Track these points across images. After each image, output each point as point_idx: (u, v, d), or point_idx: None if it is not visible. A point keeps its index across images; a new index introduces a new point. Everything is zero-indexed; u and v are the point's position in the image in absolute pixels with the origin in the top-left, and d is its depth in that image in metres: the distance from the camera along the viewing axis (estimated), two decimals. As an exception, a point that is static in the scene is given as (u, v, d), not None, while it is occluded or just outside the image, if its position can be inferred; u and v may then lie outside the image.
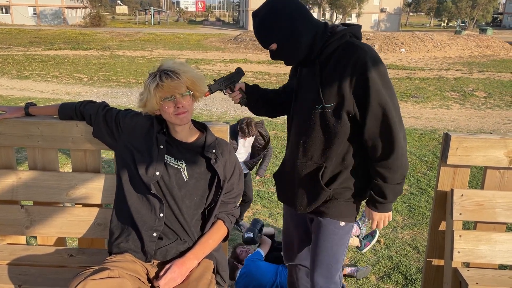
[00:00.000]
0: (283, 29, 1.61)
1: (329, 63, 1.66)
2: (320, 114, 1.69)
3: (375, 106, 1.60)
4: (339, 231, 1.84)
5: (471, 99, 11.54)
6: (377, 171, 1.70)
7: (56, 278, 1.86)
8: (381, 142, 1.65)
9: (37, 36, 28.99)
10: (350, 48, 1.63)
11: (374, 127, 1.63)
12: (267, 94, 1.98)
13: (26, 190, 2.06)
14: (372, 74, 1.58)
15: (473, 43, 25.06)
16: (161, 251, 1.73)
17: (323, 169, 1.75)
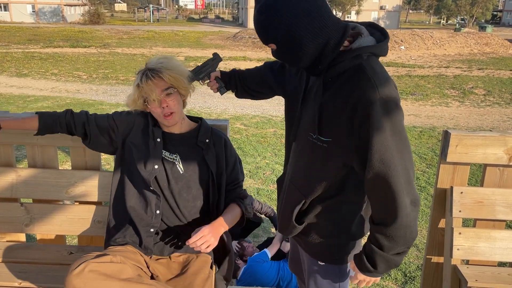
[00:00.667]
0: (282, 31, 1.24)
1: (333, 87, 1.31)
2: (313, 145, 1.37)
3: (376, 164, 1.23)
4: (320, 270, 1.58)
5: (471, 97, 11.55)
6: (373, 235, 1.35)
7: (56, 276, 1.86)
8: (381, 206, 1.31)
9: (36, 33, 28.93)
10: (359, 77, 1.25)
11: (374, 187, 1.28)
12: (246, 81, 1.82)
13: (25, 188, 2.06)
14: (378, 121, 1.20)
15: (472, 41, 25.05)
16: (158, 246, 1.73)
17: (301, 203, 1.46)
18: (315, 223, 1.51)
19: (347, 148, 1.29)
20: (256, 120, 8.47)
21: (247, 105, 9.89)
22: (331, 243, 1.53)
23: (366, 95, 1.21)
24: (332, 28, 1.26)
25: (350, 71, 1.28)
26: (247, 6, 49.93)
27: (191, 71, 1.80)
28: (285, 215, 1.55)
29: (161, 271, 1.70)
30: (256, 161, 5.88)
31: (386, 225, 1.31)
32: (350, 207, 1.48)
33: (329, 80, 1.32)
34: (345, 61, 1.27)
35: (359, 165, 1.30)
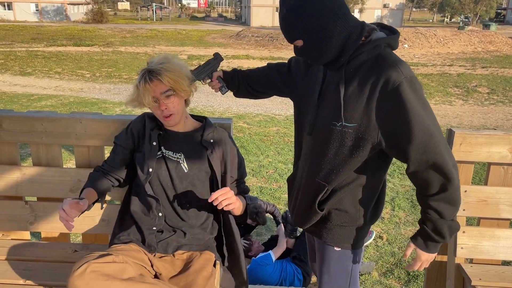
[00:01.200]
0: (311, 28, 1.36)
1: (356, 77, 1.42)
2: (337, 132, 1.46)
3: (419, 135, 1.34)
4: (335, 256, 1.66)
5: (474, 95, 11.51)
6: (431, 206, 1.45)
7: (60, 274, 1.86)
8: (435, 175, 1.40)
9: (39, 32, 29.01)
10: (382, 63, 1.39)
11: (423, 159, 1.38)
12: (249, 81, 1.86)
13: (30, 186, 2.07)
14: (409, 98, 1.33)
15: (476, 39, 24.94)
16: (162, 244, 1.74)
17: (324, 191, 1.55)
18: (336, 209, 1.59)
19: (376, 128, 1.40)
20: (259, 118, 8.47)
21: (250, 104, 9.89)
22: (350, 228, 1.61)
23: (393, 77, 1.34)
24: (352, 24, 1.41)
25: (370, 60, 1.41)
26: (250, 4, 49.88)
27: (192, 71, 1.79)
28: (303, 207, 1.64)
29: (165, 269, 1.70)
30: (259, 160, 5.88)
31: (446, 190, 1.41)
32: (368, 192, 1.57)
33: (350, 71, 1.44)
34: (365, 52, 1.41)
35: (390, 142, 1.40)
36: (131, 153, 1.81)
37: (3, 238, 2.21)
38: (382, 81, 1.36)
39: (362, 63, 1.42)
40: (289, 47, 23.39)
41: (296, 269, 3.06)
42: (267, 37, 26.32)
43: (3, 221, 2.10)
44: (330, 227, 1.63)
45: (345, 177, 1.52)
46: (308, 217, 1.63)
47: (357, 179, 1.53)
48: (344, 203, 1.57)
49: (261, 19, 48.95)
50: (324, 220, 1.63)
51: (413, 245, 1.54)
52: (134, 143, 1.81)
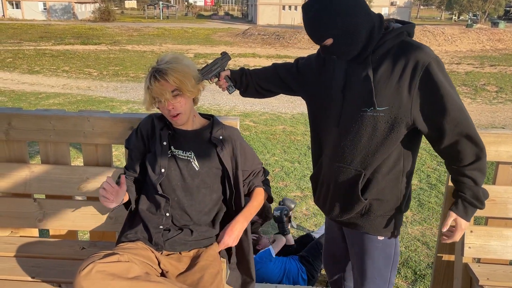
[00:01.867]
0: (341, 24, 1.43)
1: (383, 63, 1.50)
2: (369, 118, 1.53)
3: (452, 110, 1.45)
4: (379, 245, 1.70)
5: (483, 94, 11.41)
6: (467, 175, 1.54)
7: (68, 271, 1.88)
8: (468, 145, 1.50)
9: (47, 31, 29.19)
10: (408, 47, 1.48)
11: (456, 131, 1.47)
12: (258, 80, 1.88)
13: (38, 184, 2.09)
14: (439, 76, 1.44)
15: (484, 37, 24.72)
16: (169, 242, 1.74)
17: (362, 176, 1.59)
18: (377, 200, 1.63)
19: (409, 108, 1.48)
20: (265, 117, 8.47)
21: (256, 102, 9.88)
22: (392, 216, 1.67)
23: (422, 59, 1.44)
24: (373, 15, 1.51)
25: (395, 47, 1.50)
26: (256, 3, 49.81)
27: (200, 70, 1.79)
28: (341, 198, 1.68)
29: (172, 267, 1.71)
30: (265, 158, 5.88)
31: (480, 159, 1.52)
32: (406, 178, 1.64)
33: (376, 59, 1.51)
34: (388, 41, 1.50)
35: (426, 117, 1.49)
36: (145, 154, 1.82)
37: (12, 235, 2.23)
38: (411, 63, 1.44)
39: (387, 50, 1.50)
40: (296, 46, 23.35)
41: (301, 268, 3.06)
42: (274, 35, 26.28)
43: (12, 218, 2.12)
44: (373, 218, 1.66)
45: (381, 163, 1.58)
46: (349, 207, 1.66)
47: (395, 166, 1.59)
48: (385, 193, 1.62)
49: (267, 18, 48.88)
50: (366, 212, 1.66)
51: (454, 214, 1.59)
52: (145, 144, 1.82)
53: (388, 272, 1.75)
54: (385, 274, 1.75)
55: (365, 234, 1.70)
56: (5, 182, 2.10)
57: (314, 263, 3.15)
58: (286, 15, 49.28)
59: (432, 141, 1.55)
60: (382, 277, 1.75)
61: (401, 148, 1.57)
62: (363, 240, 1.72)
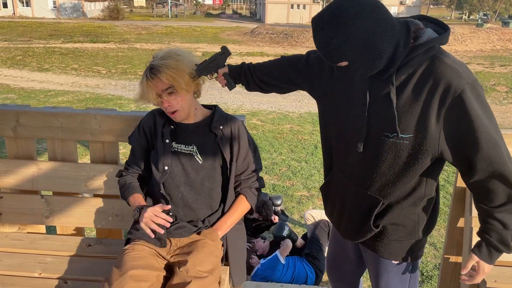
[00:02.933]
0: (357, 48, 1.20)
1: (409, 84, 1.31)
2: (391, 144, 1.36)
3: (485, 145, 1.27)
4: (393, 269, 1.60)
5: (492, 94, 11.30)
6: (496, 217, 1.38)
7: (75, 267, 1.89)
8: (501, 186, 1.33)
9: (56, 29, 29.41)
10: (439, 67, 1.27)
11: (488, 170, 1.30)
12: (259, 75, 1.75)
13: (46, 181, 2.10)
14: (473, 106, 1.24)
15: (495, 37, 24.47)
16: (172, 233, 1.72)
17: (379, 205, 1.47)
18: (392, 224, 1.51)
19: (437, 138, 1.31)
20: (272, 116, 8.46)
21: (263, 100, 9.88)
22: (409, 241, 1.54)
23: (454, 83, 1.24)
24: (398, 28, 1.26)
25: (424, 64, 1.29)
26: (265, 1, 49.74)
27: (197, 65, 1.72)
28: (355, 221, 1.56)
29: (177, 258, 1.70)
30: (272, 157, 5.88)
31: (510, 202, 1.35)
32: (425, 203, 1.50)
33: (401, 78, 1.32)
34: (417, 57, 1.28)
35: (455, 150, 1.32)
36: (148, 151, 1.82)
37: (19, 231, 2.25)
38: (442, 87, 1.25)
39: (414, 69, 1.30)
40: (304, 45, 23.29)
41: (309, 267, 3.05)
42: (282, 34, 26.24)
43: (19, 214, 2.14)
44: (387, 242, 1.55)
45: (401, 191, 1.44)
46: (361, 232, 1.56)
47: (414, 192, 1.45)
48: (401, 218, 1.50)
49: (276, 16, 48.78)
50: (379, 235, 1.55)
51: (476, 257, 1.45)
52: (148, 141, 1.81)
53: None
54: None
55: (380, 257, 1.60)
56: (13, 179, 2.11)
57: (319, 255, 3.13)
58: (295, 14, 49.17)
59: (461, 173, 1.39)
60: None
61: (423, 175, 1.42)
62: (377, 263, 1.63)
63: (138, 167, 1.83)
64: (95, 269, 1.88)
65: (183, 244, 1.73)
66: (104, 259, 1.96)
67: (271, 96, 10.14)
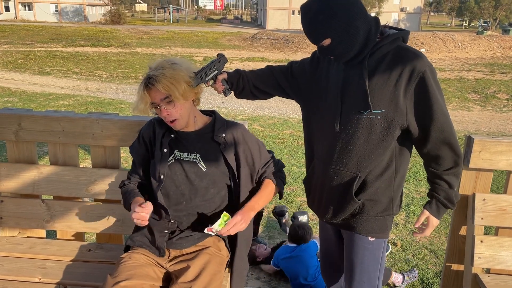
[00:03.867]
0: (340, 24, 1.46)
1: (379, 67, 1.54)
2: (365, 120, 1.56)
3: (439, 117, 1.53)
4: (369, 246, 1.73)
5: (493, 101, 11.31)
6: (444, 178, 1.63)
7: (74, 272, 1.88)
8: (449, 151, 1.58)
9: (58, 32, 29.49)
10: (405, 53, 1.53)
11: (440, 137, 1.56)
12: (255, 82, 1.85)
13: (47, 185, 2.10)
14: (432, 84, 1.51)
15: (495, 44, 24.54)
16: (175, 243, 1.72)
17: (357, 179, 1.63)
18: (370, 200, 1.67)
19: (404, 112, 1.53)
20: (273, 121, 8.46)
21: (264, 106, 9.88)
22: (384, 217, 1.71)
23: (418, 66, 1.50)
24: (369, 18, 1.54)
25: (392, 52, 1.54)
26: (266, 7, 49.94)
27: (195, 73, 1.72)
28: (335, 199, 1.70)
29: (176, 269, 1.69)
30: (273, 163, 5.86)
31: (457, 165, 1.61)
32: (399, 179, 1.68)
33: (372, 63, 1.55)
34: (385, 45, 1.54)
35: (417, 121, 1.55)
36: (149, 160, 1.81)
37: (20, 236, 2.24)
38: (408, 69, 1.50)
39: (383, 55, 1.55)
40: (305, 50, 23.35)
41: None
42: (283, 39, 26.31)
43: (20, 218, 2.13)
44: (365, 218, 1.69)
45: (375, 165, 1.61)
46: (343, 208, 1.68)
47: (388, 167, 1.63)
48: (378, 194, 1.66)
49: (277, 22, 48.96)
50: (358, 212, 1.69)
51: (427, 213, 1.68)
52: (148, 150, 1.81)
53: (376, 277, 1.78)
54: (373, 280, 1.77)
55: (356, 235, 1.73)
56: (13, 183, 2.11)
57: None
58: (296, 19, 49.32)
59: (417, 144, 1.63)
60: (370, 282, 1.77)
61: (394, 150, 1.62)
62: (354, 241, 1.75)
63: (140, 177, 1.83)
64: (95, 274, 1.87)
65: (184, 252, 1.73)
66: (105, 264, 1.95)
67: (271, 102, 10.15)
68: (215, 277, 1.65)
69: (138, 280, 1.56)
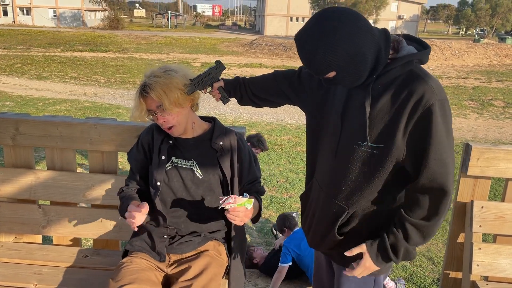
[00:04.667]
0: (344, 56, 1.23)
1: (384, 94, 1.34)
2: (361, 153, 1.39)
3: (434, 163, 1.30)
4: (354, 279, 1.54)
5: (489, 109, 11.36)
6: (405, 227, 1.37)
7: (71, 278, 1.87)
8: (429, 202, 1.34)
9: (56, 37, 29.50)
10: (414, 81, 1.30)
11: (427, 184, 1.32)
12: (253, 89, 1.76)
13: (44, 190, 2.09)
14: (437, 121, 1.27)
15: (492, 52, 24.71)
16: (175, 248, 1.72)
17: (344, 214, 1.47)
18: (356, 233, 1.50)
19: (402, 148, 1.33)
20: (270, 127, 8.47)
21: (262, 112, 9.89)
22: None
23: (426, 97, 1.27)
24: (377, 34, 1.30)
25: (402, 77, 1.33)
26: (264, 13, 50.16)
27: (192, 80, 1.70)
28: (321, 228, 1.56)
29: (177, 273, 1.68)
30: (270, 169, 5.86)
31: (427, 220, 1.35)
32: (388, 213, 1.47)
33: (378, 88, 1.35)
34: (396, 68, 1.32)
35: (412, 163, 1.34)
36: (147, 166, 1.80)
37: (16, 241, 2.22)
38: (414, 100, 1.28)
39: (392, 80, 1.33)
40: (302, 57, 23.38)
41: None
42: (281, 46, 26.39)
43: (16, 224, 2.12)
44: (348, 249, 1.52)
45: (366, 201, 1.44)
46: (326, 239, 1.56)
47: (379, 204, 1.44)
48: (364, 227, 1.49)
49: (275, 28, 49.16)
50: (344, 246, 1.51)
51: (365, 249, 1.42)
52: (146, 157, 1.80)
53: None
54: None
55: (341, 267, 1.58)
56: (10, 188, 2.09)
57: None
58: (294, 26, 49.56)
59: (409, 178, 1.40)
60: None
61: (388, 187, 1.42)
62: (339, 273, 1.61)
63: (138, 182, 1.82)
64: (91, 280, 1.86)
65: (184, 256, 1.72)
66: (101, 270, 1.94)
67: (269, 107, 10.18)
68: (215, 277, 1.65)
69: (140, 284, 1.55)
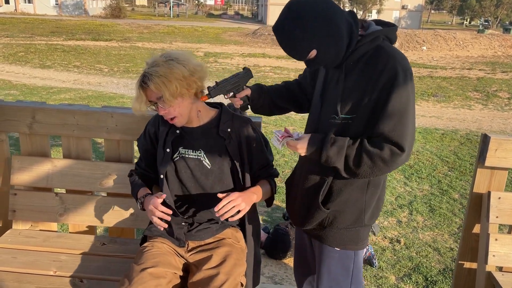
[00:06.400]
0: (320, 29, 1.33)
1: (355, 69, 1.45)
2: (337, 125, 1.48)
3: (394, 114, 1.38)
4: (335, 255, 1.65)
5: (494, 100, 11.32)
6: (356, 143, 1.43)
7: (89, 266, 1.88)
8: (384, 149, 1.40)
9: (58, 26, 29.35)
10: (380, 54, 1.41)
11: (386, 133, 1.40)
12: (276, 98, 1.80)
13: (60, 178, 2.10)
14: (400, 85, 1.37)
15: (496, 43, 24.53)
16: (194, 235, 1.73)
17: (325, 184, 1.54)
18: (340, 212, 1.57)
19: (371, 113, 1.42)
20: (275, 117, 8.46)
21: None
22: (355, 229, 1.61)
23: (389, 66, 1.38)
24: (346, 14, 1.42)
25: (370, 52, 1.44)
26: (267, 3, 49.76)
27: (217, 83, 1.65)
28: (305, 205, 1.62)
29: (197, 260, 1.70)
30: (275, 159, 5.87)
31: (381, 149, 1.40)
32: (372, 189, 1.56)
33: (350, 64, 1.46)
34: (364, 44, 1.43)
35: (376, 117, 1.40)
36: (154, 154, 1.79)
37: (32, 229, 2.24)
38: (380, 69, 1.39)
39: (361, 55, 1.45)
40: (306, 47, 23.24)
41: None
42: (284, 36, 26.23)
43: (33, 212, 2.13)
44: (335, 231, 1.61)
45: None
46: (311, 215, 1.60)
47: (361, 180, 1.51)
48: (348, 205, 1.56)
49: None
50: (328, 224, 1.61)
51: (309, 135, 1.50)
52: (154, 146, 1.79)
53: (348, 285, 1.68)
54: (343, 285, 1.68)
55: (324, 245, 1.66)
56: (27, 176, 2.10)
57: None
58: (296, 16, 49.13)
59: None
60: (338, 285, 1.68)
61: None
62: (321, 251, 1.68)
63: (146, 168, 1.82)
64: (110, 268, 1.87)
65: (203, 243, 1.73)
66: (119, 258, 1.95)
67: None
68: (239, 262, 1.66)
69: (163, 267, 1.57)
